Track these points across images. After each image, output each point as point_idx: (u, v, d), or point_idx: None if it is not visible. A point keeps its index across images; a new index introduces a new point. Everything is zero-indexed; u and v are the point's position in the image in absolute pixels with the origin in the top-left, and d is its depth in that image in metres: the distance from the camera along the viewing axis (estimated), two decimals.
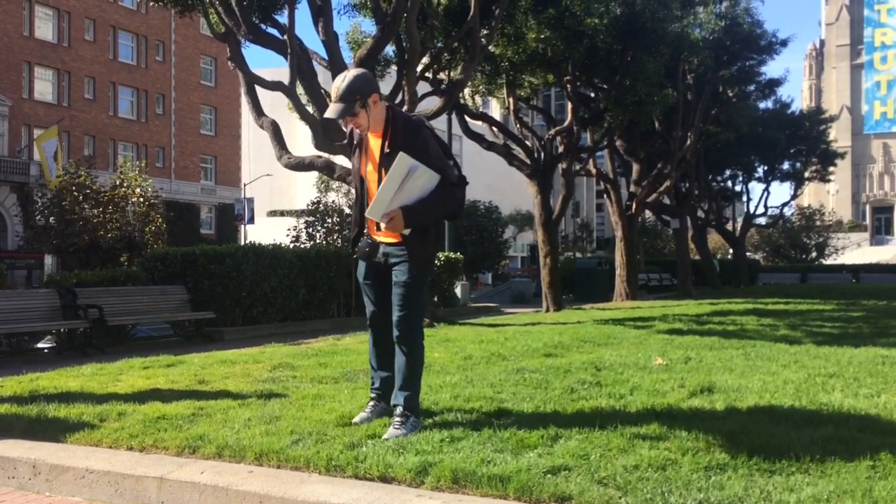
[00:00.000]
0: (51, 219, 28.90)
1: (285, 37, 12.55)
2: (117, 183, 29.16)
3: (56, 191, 29.13)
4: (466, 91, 19.18)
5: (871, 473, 3.24)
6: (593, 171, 24.75)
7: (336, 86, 3.88)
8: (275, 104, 21.39)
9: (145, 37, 47.93)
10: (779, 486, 3.09)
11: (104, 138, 45.19)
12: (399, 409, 4.03)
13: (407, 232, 3.93)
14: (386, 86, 15.02)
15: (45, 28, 42.34)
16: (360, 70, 4.07)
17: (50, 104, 42.06)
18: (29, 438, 4.24)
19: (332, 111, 3.92)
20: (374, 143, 4.05)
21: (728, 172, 38.20)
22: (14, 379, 6.28)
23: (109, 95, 45.78)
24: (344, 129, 12.03)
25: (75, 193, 27.70)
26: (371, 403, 4.33)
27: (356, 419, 4.19)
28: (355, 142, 4.14)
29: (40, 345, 11.35)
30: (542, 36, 16.04)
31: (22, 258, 35.75)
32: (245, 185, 50.72)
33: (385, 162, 3.94)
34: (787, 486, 3.08)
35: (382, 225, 3.90)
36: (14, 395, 5.44)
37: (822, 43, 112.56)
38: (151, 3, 13.67)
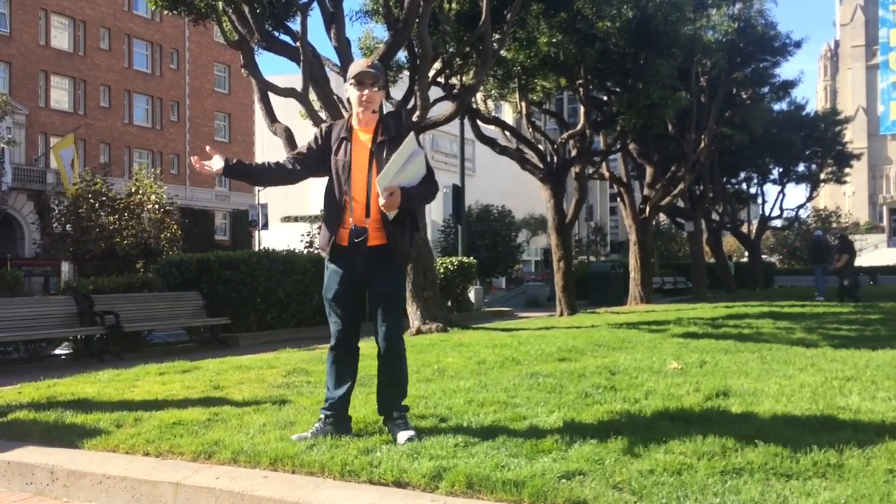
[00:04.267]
0: (67, 226, 29.12)
1: (298, 44, 12.61)
2: (133, 190, 29.36)
3: (72, 198, 29.36)
4: (479, 95, 19.19)
5: (889, 477, 3.21)
6: (606, 174, 24.67)
7: (370, 60, 4.27)
8: (288, 111, 21.45)
9: (160, 45, 48.28)
10: (796, 490, 3.07)
11: (119, 146, 45.54)
12: (396, 414, 4.07)
13: (392, 215, 4.01)
14: (398, 91, 15.04)
15: (60, 37, 42.73)
16: None
17: (66, 112, 42.42)
18: (46, 444, 4.28)
19: (376, 66, 4.19)
20: (364, 137, 4.20)
21: (742, 175, 37.93)
22: (32, 385, 6.33)
23: (125, 103, 46.13)
24: (344, 111, 12.03)
25: (91, 201, 27.91)
26: (318, 424, 4.11)
27: (294, 437, 3.99)
28: (342, 135, 4.22)
29: (57, 351, 11.46)
30: (554, 40, 16.01)
31: (39, 265, 36.06)
32: (259, 191, 50.88)
33: (377, 151, 4.11)
34: (804, 491, 3.05)
35: (382, 200, 3.94)
36: (32, 401, 5.49)
37: (837, 44, 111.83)
38: (166, 12, 13.78)
